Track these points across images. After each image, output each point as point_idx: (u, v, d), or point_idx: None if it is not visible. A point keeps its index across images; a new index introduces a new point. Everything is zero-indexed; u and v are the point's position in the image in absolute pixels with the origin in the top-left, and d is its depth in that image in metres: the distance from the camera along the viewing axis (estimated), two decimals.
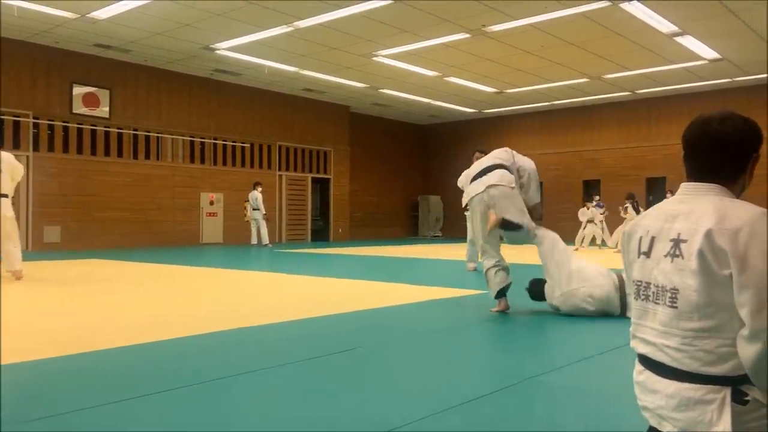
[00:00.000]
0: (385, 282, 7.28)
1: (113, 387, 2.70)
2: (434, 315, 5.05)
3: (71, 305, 5.33)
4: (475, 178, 5.07)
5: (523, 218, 4.93)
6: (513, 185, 4.97)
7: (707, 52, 13.32)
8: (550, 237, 5.09)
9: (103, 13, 10.95)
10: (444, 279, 7.53)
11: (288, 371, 2.99)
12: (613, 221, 15.25)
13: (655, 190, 17.59)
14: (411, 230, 23.37)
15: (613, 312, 4.82)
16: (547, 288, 4.97)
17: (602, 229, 15.10)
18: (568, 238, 18.66)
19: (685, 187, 1.71)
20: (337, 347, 3.51)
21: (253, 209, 15.71)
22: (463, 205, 8.50)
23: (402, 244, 17.62)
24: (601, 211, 15.17)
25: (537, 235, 5.03)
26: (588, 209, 15.14)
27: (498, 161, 5.13)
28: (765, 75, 15.36)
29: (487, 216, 4.90)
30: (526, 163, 5.25)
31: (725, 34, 12.01)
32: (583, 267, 4.95)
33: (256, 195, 15.64)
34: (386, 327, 4.42)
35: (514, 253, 7.59)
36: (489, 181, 4.95)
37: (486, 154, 8.43)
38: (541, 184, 5.60)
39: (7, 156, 7.00)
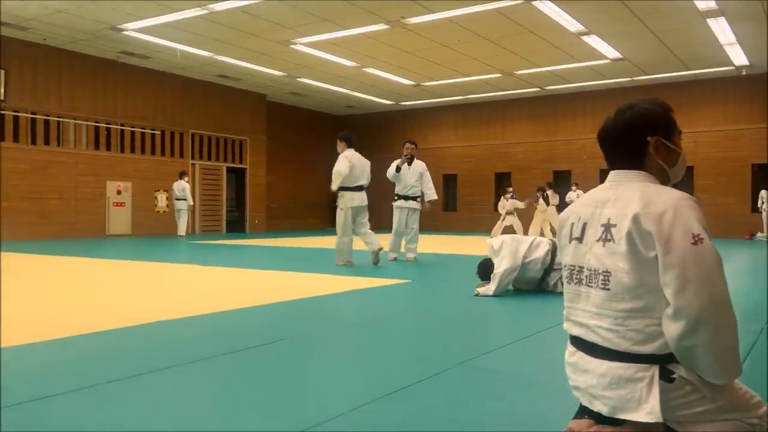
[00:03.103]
0: (306, 273, 7.20)
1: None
2: (359, 305, 5.04)
3: None
4: None
5: None
6: None
7: (610, 52, 14.05)
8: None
9: None
10: (366, 270, 7.54)
11: (198, 368, 2.87)
12: (525, 212, 15.78)
13: (561, 183, 18.41)
14: (330, 221, 23.22)
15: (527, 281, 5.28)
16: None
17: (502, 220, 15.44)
18: (482, 227, 19.26)
19: (612, 175, 1.79)
20: (257, 341, 3.42)
21: (177, 199, 15.18)
22: (395, 198, 8.68)
23: (321, 235, 17.51)
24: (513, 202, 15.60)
25: None
26: (507, 201, 15.48)
27: None
28: (662, 75, 16.42)
29: None
30: None
31: (628, 35, 12.71)
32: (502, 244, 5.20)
33: (183, 185, 15.18)
34: (309, 319, 4.36)
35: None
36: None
37: (416, 146, 8.84)
38: (454, 176, 6.08)
39: None
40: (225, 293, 5.45)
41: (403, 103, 21.05)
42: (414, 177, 8.74)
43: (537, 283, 5.35)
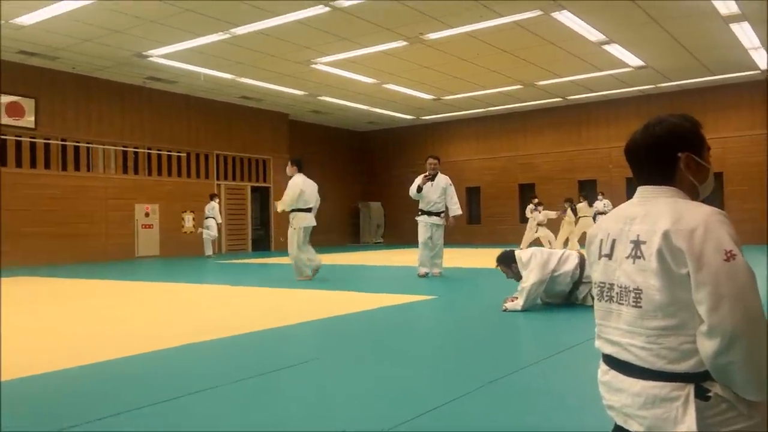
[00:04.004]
0: (334, 291, 7.23)
1: (61, 412, 2.56)
2: (387, 322, 5.04)
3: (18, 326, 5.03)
4: None
5: None
6: None
7: (633, 60, 13.95)
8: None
9: (28, 19, 10.44)
10: (393, 285, 7.55)
11: (228, 391, 2.91)
12: (552, 224, 15.65)
13: (587, 193, 18.21)
14: (352, 237, 23.34)
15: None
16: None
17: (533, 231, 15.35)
18: (507, 239, 19.13)
19: (641, 191, 1.77)
20: (288, 361, 3.45)
21: (207, 218, 15.47)
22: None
23: (345, 251, 17.57)
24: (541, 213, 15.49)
25: None
26: (540, 213, 15.29)
27: None
28: (686, 81, 16.23)
29: None
30: None
31: (649, 42, 12.62)
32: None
33: (214, 205, 15.49)
34: (339, 337, 4.38)
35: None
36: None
37: (439, 160, 8.77)
38: (477, 188, 6.09)
39: None
40: (255, 313, 5.50)
41: (423, 118, 21.11)
42: (437, 193, 8.61)
43: (566, 297, 5.30)
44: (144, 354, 3.74)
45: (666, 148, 1.71)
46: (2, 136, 13.14)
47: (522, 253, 5.35)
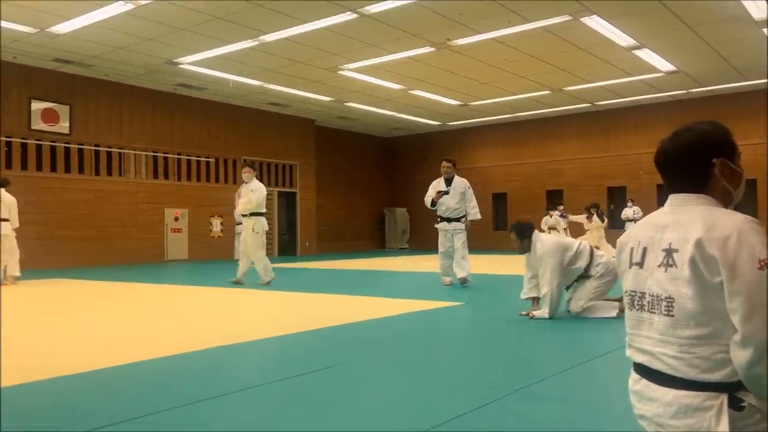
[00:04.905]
0: (360, 296, 7.24)
1: (100, 410, 2.61)
2: (412, 328, 5.04)
3: (69, 325, 5.15)
4: None
5: None
6: None
7: (664, 65, 13.75)
8: None
9: (63, 28, 10.71)
10: (418, 291, 7.54)
11: (250, 396, 2.93)
12: (575, 230, 15.51)
13: (617, 200, 17.99)
14: (378, 243, 23.37)
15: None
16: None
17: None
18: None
19: (672, 199, 1.75)
20: (313, 366, 3.47)
21: (238, 224, 15.64)
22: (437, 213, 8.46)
23: (370, 256, 17.59)
24: (564, 220, 15.40)
25: None
26: (551, 217, 15.33)
27: None
28: (719, 86, 15.94)
29: None
30: None
31: (681, 47, 12.43)
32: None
33: None
34: (367, 342, 4.39)
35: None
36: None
37: (454, 164, 8.36)
38: (503, 195, 6.07)
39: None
40: (281, 317, 5.54)
41: (449, 123, 21.08)
42: (455, 198, 8.15)
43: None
44: (172, 356, 3.80)
45: (700, 155, 1.69)
46: (38, 142, 13.49)
47: (544, 238, 5.23)
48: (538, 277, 5.17)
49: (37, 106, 13.38)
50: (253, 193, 8.72)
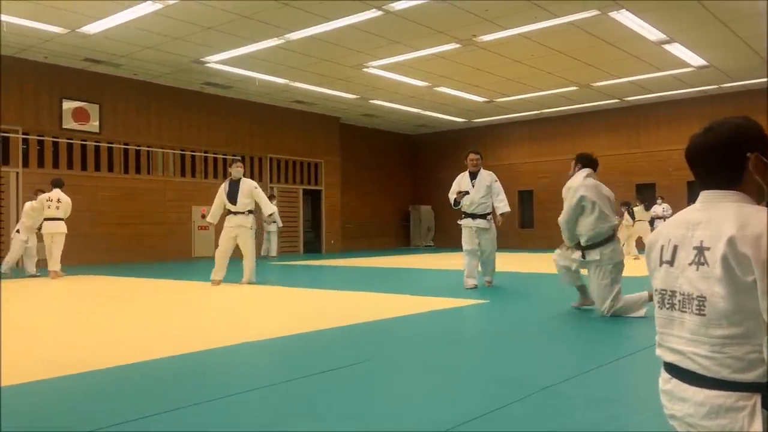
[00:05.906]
0: (385, 293, 7.26)
1: (128, 405, 2.66)
2: (439, 326, 5.03)
3: (103, 319, 5.25)
4: None
5: None
6: None
7: (695, 60, 13.48)
8: None
9: (93, 28, 10.91)
10: (444, 289, 7.52)
11: (284, 390, 2.95)
12: None
13: (645, 197, 17.67)
14: (403, 240, 23.36)
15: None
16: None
17: None
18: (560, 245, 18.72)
19: (703, 195, 1.72)
20: (342, 362, 3.49)
21: (273, 222, 15.80)
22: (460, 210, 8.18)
23: (395, 254, 17.60)
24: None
25: None
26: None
27: None
28: (751, 81, 15.57)
29: None
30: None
31: (712, 41, 12.17)
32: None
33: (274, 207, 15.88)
34: (392, 339, 4.39)
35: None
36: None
37: (481, 156, 8.02)
38: (530, 192, 6.06)
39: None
40: (309, 314, 5.58)
41: (474, 120, 20.96)
42: (481, 192, 7.53)
43: None
44: (197, 352, 3.85)
45: (734, 149, 1.65)
46: (69, 141, 13.76)
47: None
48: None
49: (68, 105, 13.66)
50: (256, 189, 8.89)
